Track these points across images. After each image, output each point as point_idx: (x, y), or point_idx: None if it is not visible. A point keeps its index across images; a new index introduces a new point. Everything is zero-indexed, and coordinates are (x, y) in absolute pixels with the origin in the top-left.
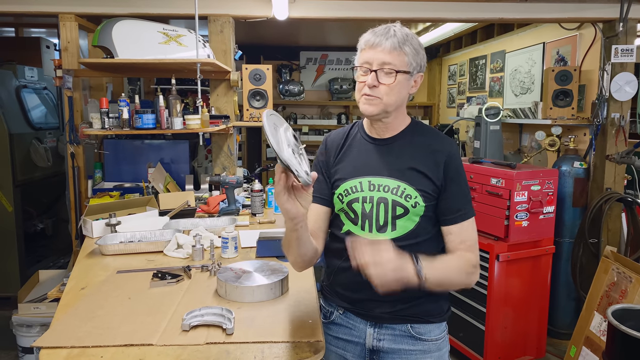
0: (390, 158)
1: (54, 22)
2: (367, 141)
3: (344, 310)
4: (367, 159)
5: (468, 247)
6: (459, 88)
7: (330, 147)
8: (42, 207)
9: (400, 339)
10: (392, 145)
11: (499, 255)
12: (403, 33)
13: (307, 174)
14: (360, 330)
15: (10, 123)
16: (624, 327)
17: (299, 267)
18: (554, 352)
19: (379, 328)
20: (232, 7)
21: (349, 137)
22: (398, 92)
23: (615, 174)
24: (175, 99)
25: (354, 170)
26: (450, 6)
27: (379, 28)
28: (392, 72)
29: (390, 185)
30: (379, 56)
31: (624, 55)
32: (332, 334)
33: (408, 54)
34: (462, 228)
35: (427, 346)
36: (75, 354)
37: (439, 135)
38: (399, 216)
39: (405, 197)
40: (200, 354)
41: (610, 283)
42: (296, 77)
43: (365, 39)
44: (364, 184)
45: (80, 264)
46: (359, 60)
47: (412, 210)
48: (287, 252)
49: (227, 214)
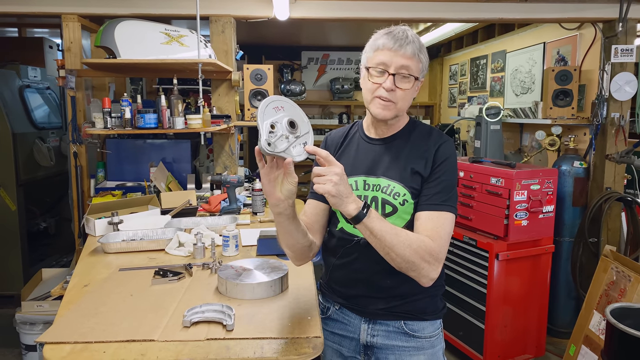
0: (387, 157)
1: (57, 23)
2: (365, 141)
3: (339, 306)
4: (364, 159)
5: (434, 234)
6: (460, 88)
7: (330, 146)
8: (45, 206)
9: (393, 335)
10: (390, 144)
11: (498, 254)
12: (419, 41)
13: (268, 144)
14: (354, 325)
15: (14, 123)
16: (622, 326)
17: (295, 259)
18: (553, 351)
19: (373, 324)
20: (234, 7)
21: (348, 136)
22: (410, 97)
23: (615, 173)
24: (177, 98)
25: (351, 169)
26: (451, 6)
27: (395, 31)
28: (411, 77)
29: (382, 184)
30: (399, 60)
31: (623, 55)
32: (328, 329)
33: (423, 62)
34: (432, 217)
35: (420, 343)
36: (79, 349)
37: (435, 133)
38: (388, 214)
39: (394, 196)
40: (200, 350)
41: (610, 282)
42: (298, 77)
43: (383, 41)
44: (359, 183)
45: (83, 262)
46: (373, 61)
47: (400, 208)
48: (280, 243)
49: (228, 212)
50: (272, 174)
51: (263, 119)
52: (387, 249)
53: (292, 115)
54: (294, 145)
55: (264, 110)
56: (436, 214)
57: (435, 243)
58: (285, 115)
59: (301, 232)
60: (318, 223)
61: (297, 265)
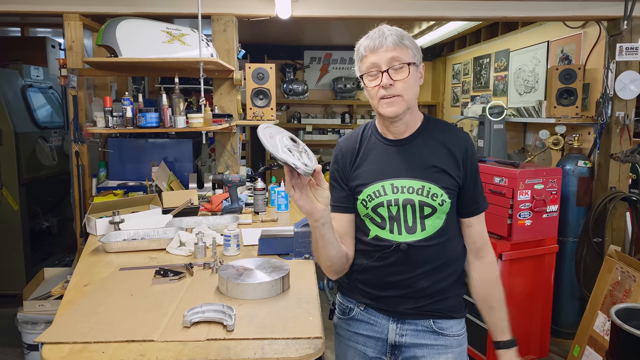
0: (410, 158)
1: (59, 22)
2: (384, 143)
3: (365, 307)
4: (387, 162)
5: (485, 241)
6: (463, 87)
7: (345, 154)
8: (47, 206)
9: (422, 334)
10: (411, 144)
11: (502, 254)
12: (397, 30)
13: (305, 165)
14: (382, 325)
15: (16, 122)
16: (627, 327)
17: (334, 272)
18: (557, 352)
19: (401, 323)
20: (235, 6)
21: (363, 140)
22: (413, 84)
23: (620, 172)
24: (179, 97)
25: (375, 175)
26: (454, 5)
27: (371, 33)
28: (403, 65)
29: (415, 186)
30: (385, 55)
31: (628, 54)
32: (351, 330)
33: (410, 47)
34: (480, 220)
35: (449, 341)
36: (78, 350)
37: (454, 129)
38: (427, 216)
39: (432, 197)
40: (200, 350)
41: (614, 282)
42: (300, 76)
43: (363, 46)
44: (386, 187)
45: (84, 261)
46: (363, 68)
47: (439, 209)
48: (317, 256)
49: (230, 212)
50: (304, 193)
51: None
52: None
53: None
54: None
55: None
56: (482, 216)
57: (490, 247)
58: (282, 135)
59: (337, 239)
60: (347, 234)
61: (334, 278)
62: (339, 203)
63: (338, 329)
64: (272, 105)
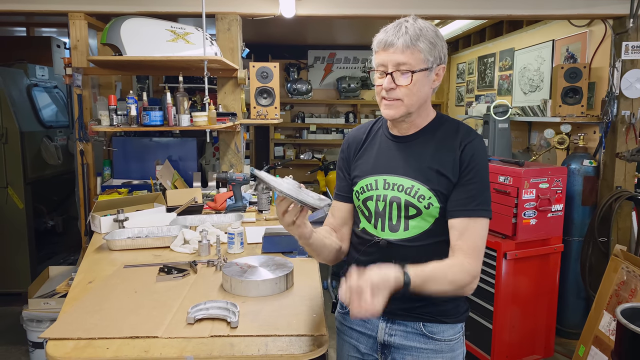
0: (410, 156)
1: (64, 22)
2: (388, 138)
3: None
4: (386, 157)
5: (470, 250)
6: (467, 86)
7: (351, 144)
8: (52, 205)
9: (411, 336)
10: (413, 142)
11: (506, 253)
12: (416, 28)
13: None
14: (373, 323)
15: (22, 121)
16: (633, 327)
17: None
18: (562, 352)
19: (391, 323)
20: (240, 5)
21: (371, 133)
22: (418, 91)
23: (626, 172)
24: (183, 96)
25: (371, 168)
26: (459, 3)
27: (390, 26)
28: (408, 72)
29: (405, 185)
30: (393, 57)
31: (634, 52)
32: (347, 324)
33: (423, 50)
34: (467, 225)
35: (439, 346)
36: (82, 346)
37: (462, 128)
38: (411, 217)
39: (418, 198)
40: (204, 347)
41: (620, 282)
42: (304, 75)
43: (377, 40)
44: (379, 182)
45: (88, 258)
46: (374, 62)
47: (425, 212)
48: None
49: (234, 210)
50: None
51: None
52: (431, 292)
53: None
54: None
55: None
56: (470, 222)
57: (472, 259)
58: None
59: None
60: (345, 224)
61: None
62: (342, 192)
63: (337, 323)
64: (276, 104)
